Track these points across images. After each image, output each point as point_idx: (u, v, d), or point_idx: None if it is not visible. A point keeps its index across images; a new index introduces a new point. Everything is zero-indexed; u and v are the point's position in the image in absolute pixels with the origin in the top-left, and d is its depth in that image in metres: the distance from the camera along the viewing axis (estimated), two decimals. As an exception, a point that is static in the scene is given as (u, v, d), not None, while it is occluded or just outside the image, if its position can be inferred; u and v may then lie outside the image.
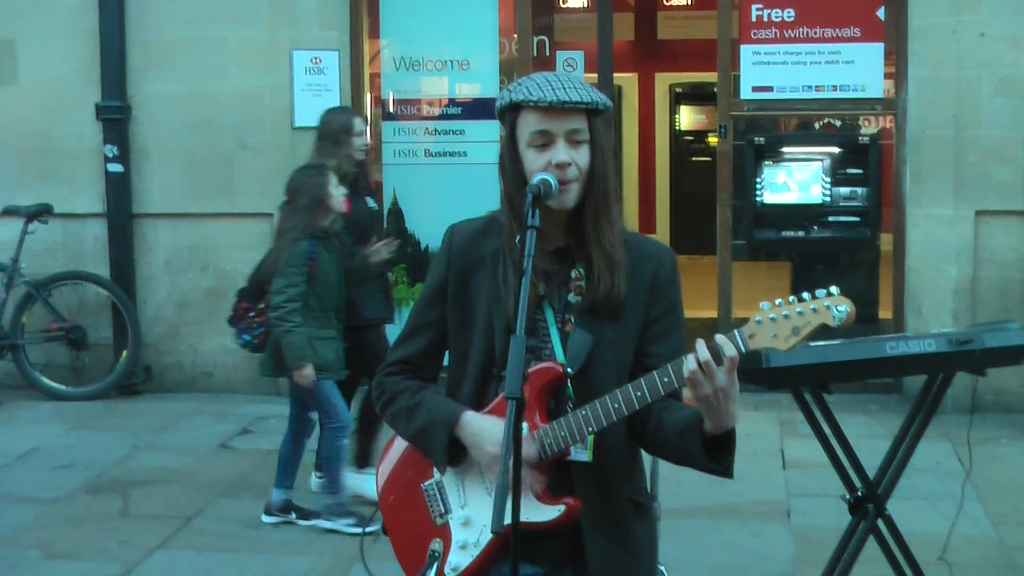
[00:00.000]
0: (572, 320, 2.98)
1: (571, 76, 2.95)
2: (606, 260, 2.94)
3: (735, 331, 2.77)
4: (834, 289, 2.73)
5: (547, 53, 9.31)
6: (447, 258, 3.10)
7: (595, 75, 9.01)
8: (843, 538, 4.93)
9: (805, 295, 2.73)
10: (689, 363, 2.72)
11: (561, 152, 2.88)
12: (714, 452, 2.84)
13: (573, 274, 2.99)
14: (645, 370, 2.94)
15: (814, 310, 2.71)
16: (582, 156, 2.91)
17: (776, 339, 2.73)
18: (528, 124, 2.90)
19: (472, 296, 3.05)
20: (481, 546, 2.98)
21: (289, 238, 6.24)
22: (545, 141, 2.89)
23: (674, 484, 5.89)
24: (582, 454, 2.96)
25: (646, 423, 2.96)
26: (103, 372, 9.08)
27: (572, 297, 2.99)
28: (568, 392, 2.96)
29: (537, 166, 2.89)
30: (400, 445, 3.19)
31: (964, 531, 5.92)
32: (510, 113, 2.94)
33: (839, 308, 2.70)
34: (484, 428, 2.94)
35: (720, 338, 2.73)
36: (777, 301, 2.75)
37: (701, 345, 2.72)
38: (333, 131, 6.76)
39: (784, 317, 2.73)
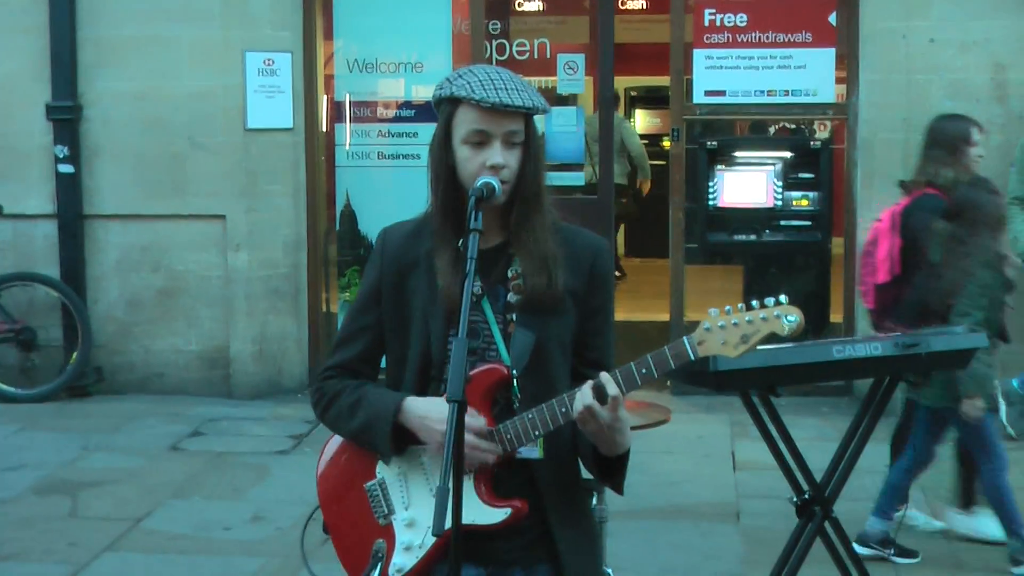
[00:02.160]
0: (514, 319, 2.98)
1: (512, 75, 2.94)
2: (539, 258, 2.95)
3: (684, 338, 2.79)
4: (783, 298, 2.74)
5: (505, 55, 9.30)
6: (380, 260, 3.09)
7: (590, 77, 9.06)
8: (790, 539, 4.96)
9: (754, 303, 2.74)
10: (576, 405, 2.79)
11: (497, 154, 2.88)
12: (608, 470, 2.95)
13: (510, 272, 2.99)
14: (587, 363, 2.98)
15: (764, 319, 2.73)
16: (515, 157, 2.92)
17: (726, 346, 2.75)
18: (466, 121, 2.90)
19: (408, 298, 3.04)
20: (426, 547, 2.97)
21: (972, 263, 5.66)
22: (482, 140, 2.89)
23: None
24: (532, 452, 2.96)
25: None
26: (53, 373, 9.00)
27: (511, 296, 2.99)
28: (514, 392, 2.97)
29: (471, 165, 2.89)
30: (337, 444, 3.17)
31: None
32: (448, 105, 2.94)
33: (789, 317, 2.72)
34: (431, 408, 2.93)
35: (604, 377, 2.78)
36: (726, 308, 2.76)
37: (587, 388, 2.78)
38: (949, 139, 6.15)
39: (733, 325, 2.75)
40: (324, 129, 9.46)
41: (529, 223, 2.95)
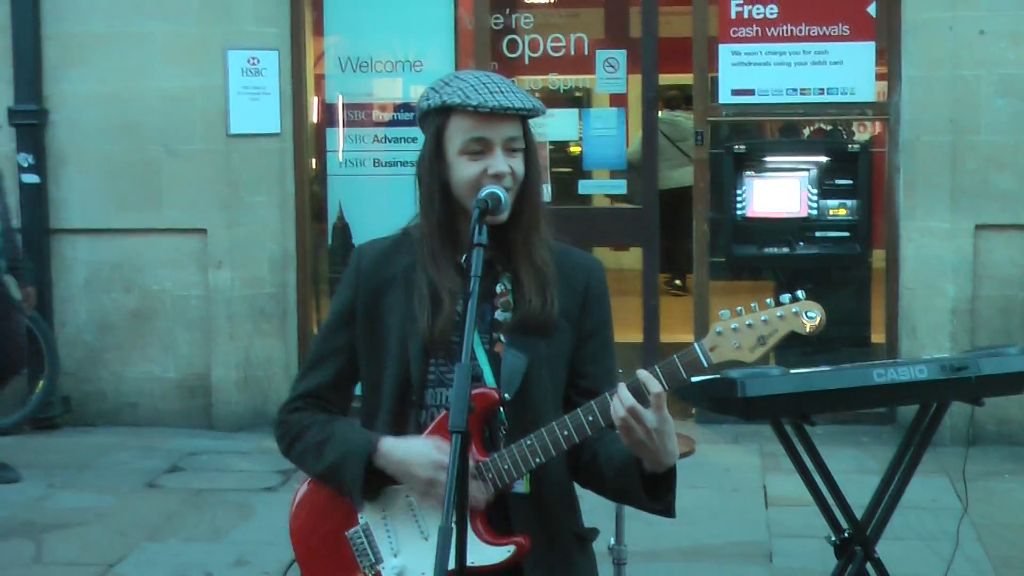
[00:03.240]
0: (502, 339, 2.99)
1: (502, 78, 2.97)
2: (538, 276, 2.96)
3: (695, 344, 2.78)
4: (800, 293, 2.74)
5: (517, 52, 9.33)
6: (355, 279, 3.12)
7: (638, 75, 9.07)
8: (829, 583, 4.96)
9: (769, 301, 2.74)
10: (617, 410, 2.72)
11: (500, 161, 2.90)
12: (654, 490, 2.86)
13: (498, 289, 3.01)
14: (579, 392, 2.99)
15: (780, 317, 2.72)
16: (518, 165, 2.95)
17: (740, 350, 2.75)
18: (462, 130, 2.92)
19: (384, 318, 3.06)
20: (420, 596, 2.96)
21: None
22: (481, 148, 2.91)
23: (644, 523, 5.88)
24: (518, 485, 2.97)
25: (579, 453, 2.98)
26: (16, 404, 8.99)
27: (499, 314, 3.00)
28: (500, 418, 2.97)
29: (471, 174, 2.90)
30: (311, 490, 3.17)
31: (962, 574, 5.95)
32: (438, 116, 2.95)
33: (809, 314, 2.72)
34: (412, 451, 2.94)
35: (642, 373, 2.74)
36: (738, 308, 2.76)
37: (623, 388, 2.74)
38: None
39: (748, 326, 2.74)
40: (314, 134, 9.49)
41: (528, 236, 2.97)
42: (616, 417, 2.73)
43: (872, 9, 8.72)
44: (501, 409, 2.95)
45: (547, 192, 9.22)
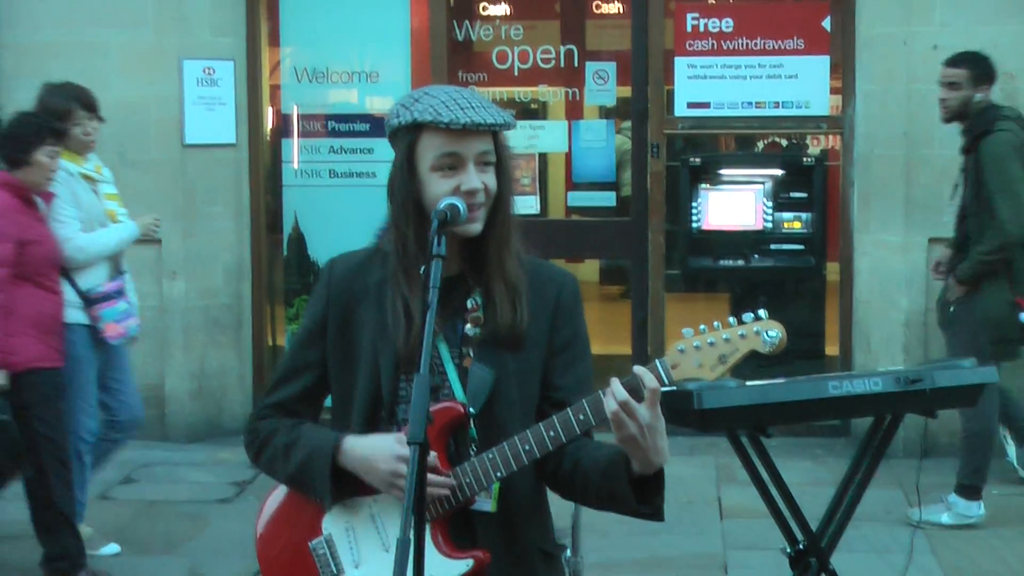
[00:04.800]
0: (470, 354, 2.98)
1: (472, 93, 2.96)
2: (508, 290, 2.96)
3: (656, 361, 2.78)
4: (763, 312, 2.75)
5: (469, 64, 9.36)
6: (326, 292, 3.10)
7: (628, 88, 9.14)
8: (783, 595, 4.97)
9: (732, 319, 2.75)
10: (609, 404, 2.71)
11: (473, 178, 2.89)
12: (642, 493, 2.84)
13: (469, 304, 3.00)
14: (552, 404, 2.96)
15: (742, 336, 2.73)
16: (490, 179, 2.94)
17: (702, 368, 2.75)
18: (433, 146, 2.90)
19: (355, 332, 3.05)
20: (380, 608, 2.95)
21: None
22: (453, 164, 2.90)
23: (599, 534, 5.92)
24: (485, 504, 2.96)
25: (559, 463, 2.96)
26: (-33, 414, 8.93)
27: (469, 329, 2.99)
28: (471, 434, 2.96)
29: (443, 191, 2.89)
30: (279, 499, 3.17)
31: (915, 586, 5.99)
32: (408, 132, 2.93)
33: (770, 333, 2.72)
34: (374, 446, 2.92)
35: (638, 369, 2.73)
36: (701, 327, 2.77)
37: (616, 383, 2.72)
38: None
39: (709, 344, 2.75)
40: (270, 145, 9.46)
41: (499, 250, 2.96)
42: (608, 411, 2.71)
43: (827, 23, 8.77)
44: (472, 424, 2.94)
45: (535, 204, 9.27)
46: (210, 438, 8.91)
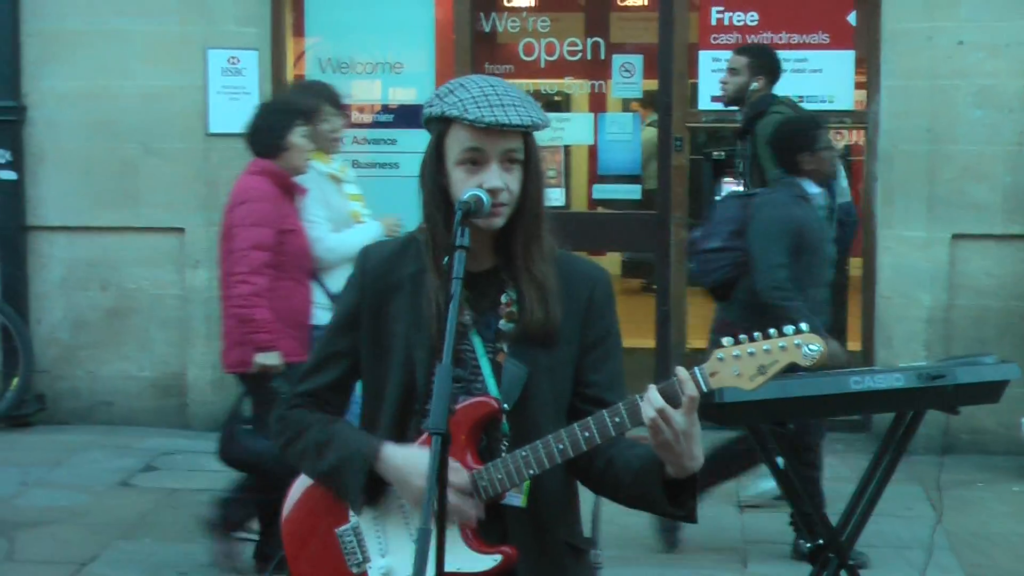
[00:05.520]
0: (504, 349, 2.98)
1: (508, 88, 2.93)
2: (537, 288, 2.94)
3: (696, 368, 2.76)
4: (804, 325, 2.73)
5: (494, 55, 9.36)
6: (360, 282, 3.09)
7: (653, 81, 9.13)
8: (802, 589, 4.97)
9: (772, 331, 2.73)
10: (647, 411, 2.71)
11: (494, 177, 2.88)
12: (675, 496, 2.84)
13: (503, 299, 2.99)
14: (584, 400, 2.95)
15: (782, 348, 2.71)
16: (515, 179, 2.92)
17: (740, 378, 2.73)
18: (459, 140, 2.89)
19: (389, 324, 3.04)
20: (406, 598, 2.96)
21: None
22: (477, 159, 2.89)
23: (619, 527, 5.92)
24: (515, 499, 2.95)
25: (591, 461, 2.95)
26: (-10, 401, 9.00)
27: (503, 324, 2.99)
28: (503, 429, 2.96)
29: (466, 188, 2.86)
30: (305, 485, 3.17)
31: (935, 583, 5.99)
32: (439, 123, 2.93)
33: (811, 347, 2.71)
34: (410, 460, 2.92)
35: (681, 372, 2.73)
36: (741, 336, 2.76)
37: (653, 390, 2.72)
38: None
39: (749, 354, 2.73)
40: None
41: (528, 248, 2.95)
42: (646, 417, 2.71)
43: (852, 18, 8.75)
44: (504, 419, 2.95)
45: (561, 197, 9.27)
46: (231, 427, 8.93)
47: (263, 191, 5.97)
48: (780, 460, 5.02)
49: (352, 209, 6.63)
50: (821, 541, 4.93)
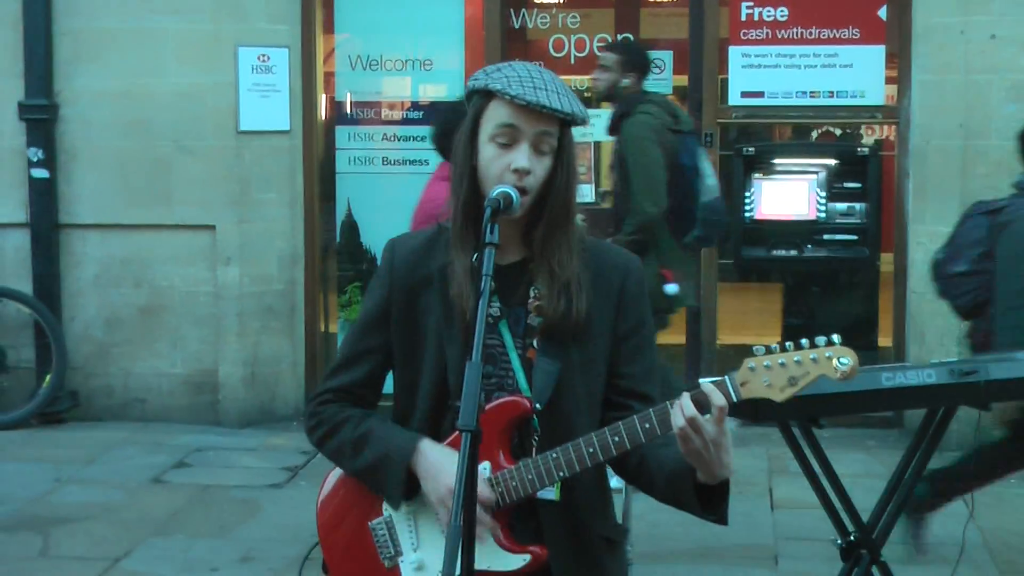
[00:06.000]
0: (534, 345, 2.97)
1: (555, 78, 2.95)
2: (561, 280, 2.93)
3: (726, 377, 2.76)
4: (836, 337, 2.72)
5: (525, 52, 9.36)
6: (388, 277, 3.08)
7: (683, 77, 9.17)
8: (834, 586, 4.95)
9: (804, 342, 2.72)
10: (677, 419, 2.70)
11: (523, 156, 2.88)
12: (707, 500, 2.84)
13: (532, 292, 2.98)
14: (619, 393, 2.96)
15: (814, 360, 2.71)
16: (543, 166, 2.91)
17: (771, 388, 2.73)
18: (497, 115, 2.90)
19: (419, 319, 3.03)
20: (436, 593, 2.95)
21: None
22: (510, 139, 2.89)
23: (649, 524, 5.92)
24: (549, 492, 2.95)
25: (625, 458, 2.94)
26: (24, 398, 9.03)
27: (533, 318, 2.98)
28: (534, 425, 2.96)
29: (495, 167, 2.88)
30: (339, 476, 3.17)
31: (967, 580, 5.96)
32: (480, 97, 2.94)
33: (842, 360, 2.70)
34: (441, 460, 2.93)
35: (707, 386, 2.72)
36: (772, 346, 2.74)
37: (686, 398, 2.71)
38: None
39: (780, 365, 2.72)
40: (323, 132, 9.49)
41: (554, 241, 2.94)
42: (675, 426, 2.71)
43: (883, 13, 8.71)
44: (534, 417, 2.94)
45: (591, 193, 9.26)
46: (263, 424, 8.97)
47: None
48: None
49: None
50: (853, 538, 4.91)
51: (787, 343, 2.73)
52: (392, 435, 3.03)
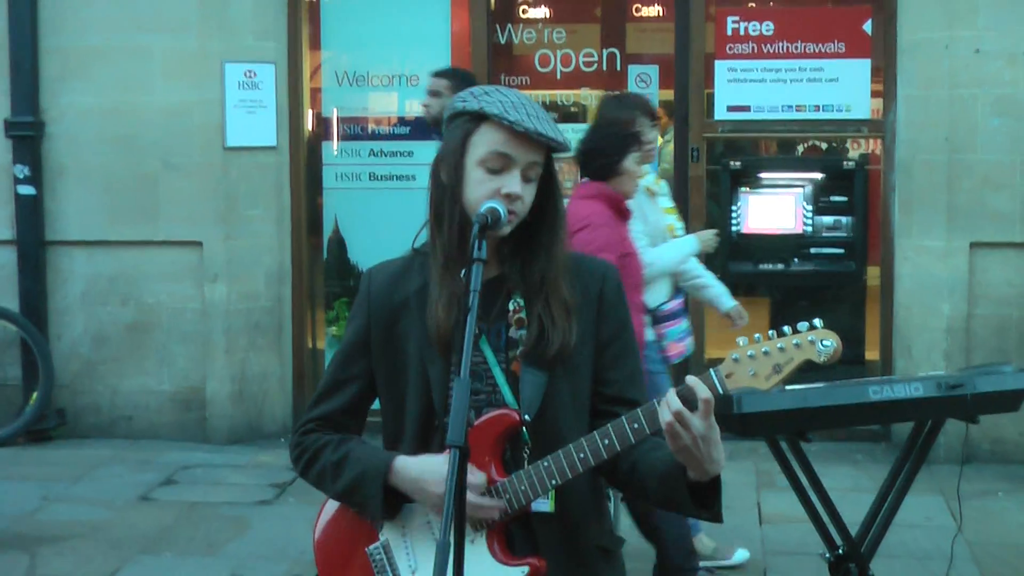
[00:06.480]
0: (518, 358, 2.98)
1: (539, 106, 2.96)
2: (561, 305, 2.96)
3: (711, 370, 2.77)
4: (817, 322, 2.74)
5: (511, 67, 9.38)
6: (367, 306, 3.11)
7: (669, 91, 9.20)
8: (823, 600, 4.96)
9: (786, 329, 2.74)
10: (663, 415, 2.70)
11: (515, 182, 2.89)
12: (701, 498, 2.85)
13: (511, 306, 3.00)
14: (605, 400, 2.97)
15: (797, 345, 2.72)
16: (530, 192, 2.94)
17: (756, 378, 2.74)
18: (489, 141, 2.91)
19: (400, 343, 3.05)
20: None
21: None
22: (502, 165, 2.90)
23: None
24: (543, 504, 2.96)
25: (616, 465, 2.96)
26: (10, 415, 9.01)
27: (514, 332, 2.99)
28: (524, 438, 2.97)
29: (482, 189, 2.90)
30: (335, 506, 3.18)
31: (956, 593, 5.96)
32: (469, 121, 2.94)
33: (824, 343, 2.71)
34: (426, 469, 2.93)
35: (691, 379, 2.72)
36: (755, 336, 2.76)
37: (671, 394, 2.71)
38: None
39: (764, 353, 2.73)
40: (310, 148, 9.50)
41: (551, 264, 2.97)
42: (663, 422, 2.70)
43: (868, 27, 8.74)
44: (524, 429, 2.95)
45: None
46: (250, 441, 8.96)
47: (604, 215, 5.78)
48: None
49: (667, 223, 6.51)
50: (841, 552, 4.92)
51: (770, 331, 2.74)
52: (368, 455, 3.05)
